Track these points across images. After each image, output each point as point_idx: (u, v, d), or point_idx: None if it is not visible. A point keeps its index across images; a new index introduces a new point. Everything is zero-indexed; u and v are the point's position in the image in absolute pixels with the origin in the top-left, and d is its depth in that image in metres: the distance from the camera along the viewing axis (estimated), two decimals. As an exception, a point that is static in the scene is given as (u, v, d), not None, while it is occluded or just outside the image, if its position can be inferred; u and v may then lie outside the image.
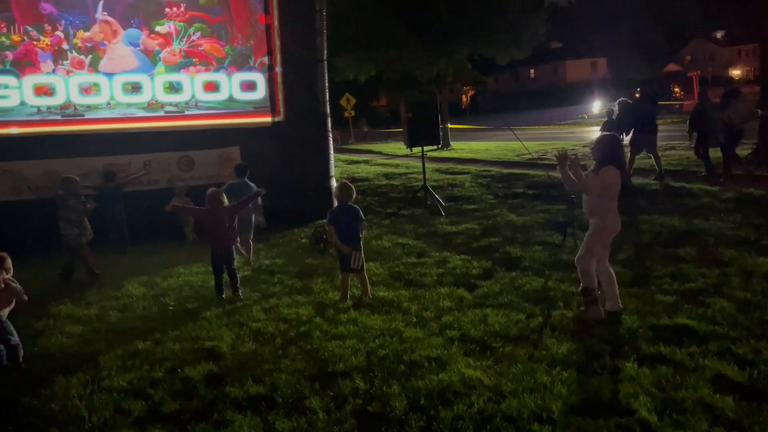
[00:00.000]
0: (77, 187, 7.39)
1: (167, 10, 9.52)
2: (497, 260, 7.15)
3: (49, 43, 8.93)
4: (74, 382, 4.42)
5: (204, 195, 7.40)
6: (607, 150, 5.14)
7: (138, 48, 9.42)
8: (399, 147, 25.94)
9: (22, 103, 8.90)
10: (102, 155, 9.21)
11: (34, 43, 8.86)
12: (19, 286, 4.89)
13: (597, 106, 38.28)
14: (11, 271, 4.92)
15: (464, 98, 59.80)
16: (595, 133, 24.53)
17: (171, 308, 6.15)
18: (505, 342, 4.71)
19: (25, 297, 4.94)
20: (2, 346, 4.71)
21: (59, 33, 8.98)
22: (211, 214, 6.40)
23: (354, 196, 6.16)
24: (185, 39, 9.64)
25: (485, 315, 5.30)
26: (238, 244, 7.03)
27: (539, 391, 3.83)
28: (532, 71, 64.53)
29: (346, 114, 33.95)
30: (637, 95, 14.21)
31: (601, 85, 50.48)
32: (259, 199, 7.76)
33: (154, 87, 9.54)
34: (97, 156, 9.18)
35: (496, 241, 8.14)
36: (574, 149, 18.22)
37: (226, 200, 6.47)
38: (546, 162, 15.30)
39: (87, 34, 9.11)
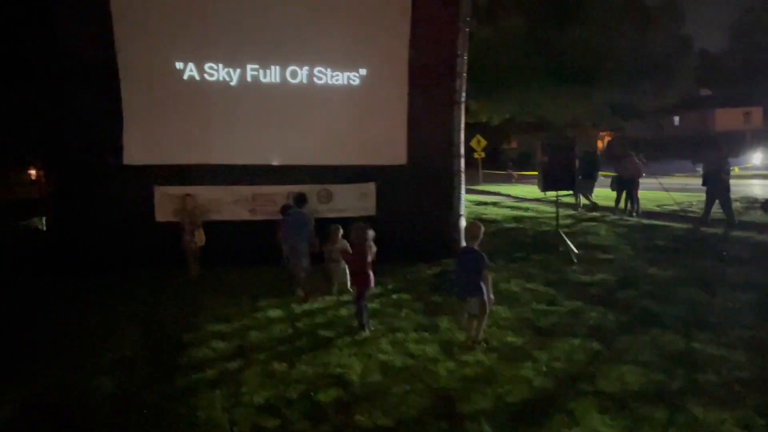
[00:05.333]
0: None
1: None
2: (635, 315, 6.77)
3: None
4: (218, 394, 4.75)
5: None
6: None
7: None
8: (529, 190, 25.46)
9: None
10: (251, 185, 9.97)
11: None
12: None
13: (759, 158, 35.31)
14: None
15: (599, 143, 57.73)
16: (754, 186, 22.60)
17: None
18: (643, 402, 4.44)
19: None
20: None
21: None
22: (357, 247, 6.60)
23: (479, 237, 5.98)
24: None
25: (622, 372, 5.04)
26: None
27: (683, 460, 3.57)
28: (676, 118, 60.89)
29: (476, 155, 34.00)
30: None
31: (755, 136, 46.59)
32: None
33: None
34: (247, 185, 9.95)
35: (633, 294, 7.71)
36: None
37: (372, 234, 6.57)
38: (693, 214, 14.32)
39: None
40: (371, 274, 6.54)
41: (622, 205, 15.56)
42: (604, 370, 5.10)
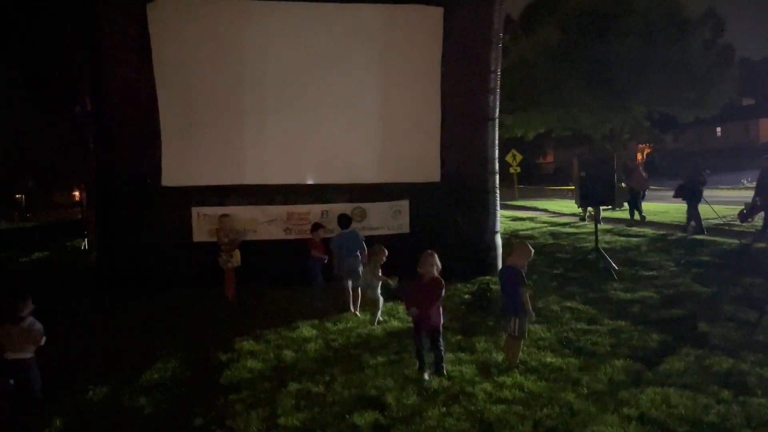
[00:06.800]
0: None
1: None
2: (680, 335, 6.54)
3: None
4: (254, 416, 4.72)
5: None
6: None
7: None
8: (566, 205, 25.09)
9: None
10: (285, 204, 10.04)
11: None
12: (40, 326, 4.93)
13: None
14: (31, 308, 5.09)
15: (639, 156, 56.74)
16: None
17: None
18: (691, 428, 4.26)
19: (44, 338, 4.92)
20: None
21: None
22: (418, 282, 5.74)
23: (518, 256, 5.81)
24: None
25: (667, 395, 4.85)
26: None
27: (736, 491, 3.40)
28: (718, 129, 59.41)
29: (511, 170, 33.69)
30: None
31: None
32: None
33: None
34: (282, 205, 10.03)
35: (678, 313, 7.47)
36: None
37: (438, 264, 5.69)
38: (737, 228, 13.86)
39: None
40: (441, 311, 5.70)
41: (636, 216, 17.46)
42: (649, 393, 4.92)
